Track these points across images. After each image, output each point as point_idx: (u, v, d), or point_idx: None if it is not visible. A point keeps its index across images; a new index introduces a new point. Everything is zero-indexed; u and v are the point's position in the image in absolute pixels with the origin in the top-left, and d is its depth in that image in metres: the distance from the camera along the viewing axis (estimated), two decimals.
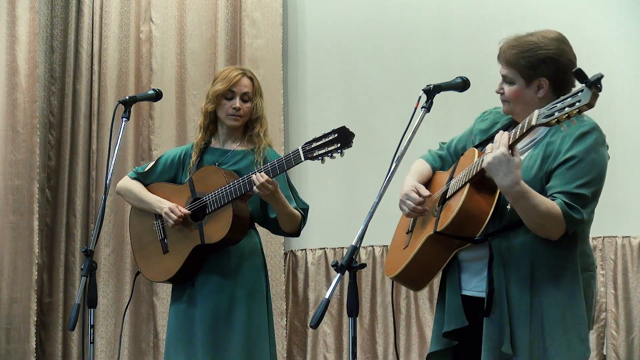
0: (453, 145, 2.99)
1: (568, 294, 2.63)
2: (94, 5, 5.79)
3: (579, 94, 2.33)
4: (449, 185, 2.78)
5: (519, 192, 2.51)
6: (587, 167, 2.59)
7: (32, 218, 5.52)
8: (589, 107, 2.31)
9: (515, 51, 2.68)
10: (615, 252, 4.94)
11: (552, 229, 2.57)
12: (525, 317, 2.61)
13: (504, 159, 2.50)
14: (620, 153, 4.98)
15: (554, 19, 5.05)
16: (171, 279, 3.61)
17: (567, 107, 2.35)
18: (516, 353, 2.60)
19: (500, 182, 2.52)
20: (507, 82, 2.72)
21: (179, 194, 3.64)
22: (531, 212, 2.54)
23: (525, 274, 2.63)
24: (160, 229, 3.64)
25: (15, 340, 5.51)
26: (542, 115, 2.44)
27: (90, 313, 3.08)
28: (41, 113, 5.69)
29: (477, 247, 2.67)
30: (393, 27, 5.50)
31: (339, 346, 5.39)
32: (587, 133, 2.61)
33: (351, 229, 2.84)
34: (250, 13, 5.62)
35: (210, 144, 3.73)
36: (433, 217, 2.77)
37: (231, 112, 3.61)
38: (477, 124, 2.94)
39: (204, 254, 3.56)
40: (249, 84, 3.66)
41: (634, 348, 4.85)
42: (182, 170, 3.73)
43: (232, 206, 3.46)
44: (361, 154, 5.43)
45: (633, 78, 4.99)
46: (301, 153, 3.33)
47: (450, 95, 2.95)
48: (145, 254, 3.70)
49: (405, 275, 2.80)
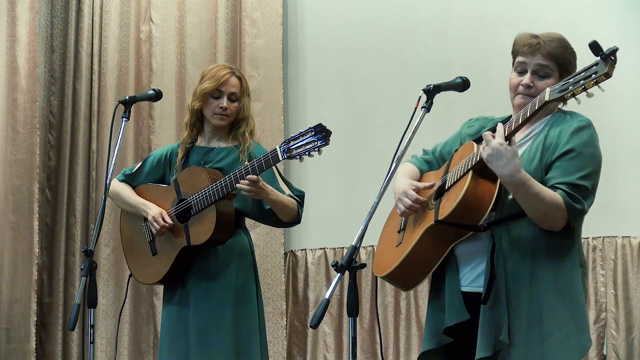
0: (438, 150, 3.02)
1: (568, 284, 2.64)
2: (94, 5, 5.80)
3: (593, 67, 2.37)
4: (446, 177, 2.78)
5: (520, 180, 2.52)
6: (587, 160, 2.63)
7: (32, 218, 5.52)
8: (606, 77, 2.36)
9: (558, 44, 2.72)
10: (615, 252, 4.94)
11: (555, 218, 2.58)
12: (523, 307, 2.62)
13: (502, 149, 2.52)
14: (621, 153, 4.98)
15: (554, 19, 5.05)
16: (161, 281, 3.61)
17: (582, 80, 2.39)
18: (513, 343, 2.60)
19: (500, 172, 2.54)
20: (541, 75, 2.73)
21: (165, 196, 3.64)
22: (533, 200, 2.55)
23: (525, 265, 2.63)
24: (149, 231, 3.64)
25: (15, 340, 5.51)
26: (555, 91, 2.47)
27: (90, 313, 3.08)
28: (41, 113, 5.69)
29: (474, 241, 2.68)
30: (393, 27, 5.49)
31: (339, 346, 5.39)
32: (583, 128, 2.66)
33: (351, 229, 2.83)
34: (250, 13, 5.62)
35: (197, 142, 3.72)
36: (429, 211, 2.76)
37: (218, 111, 3.60)
38: (464, 129, 2.97)
39: (191, 255, 3.56)
40: (237, 84, 3.63)
41: (634, 348, 4.85)
42: (169, 169, 3.73)
43: (215, 207, 3.45)
44: (361, 154, 5.45)
45: (633, 78, 4.99)
46: (279, 152, 3.31)
47: (450, 95, 2.95)
48: (135, 256, 3.70)
49: (398, 272, 2.78)
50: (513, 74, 2.79)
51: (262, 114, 5.51)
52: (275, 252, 5.46)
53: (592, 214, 4.97)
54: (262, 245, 5.41)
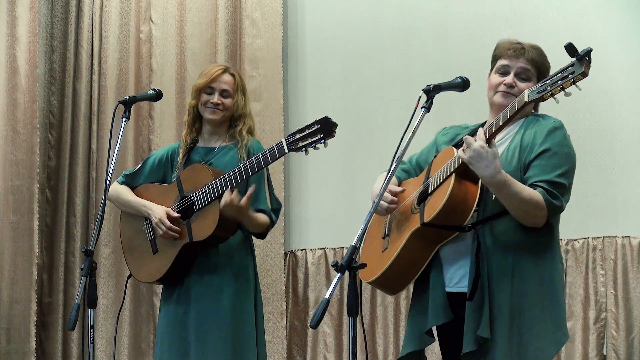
0: (414, 160, 3.14)
1: (549, 281, 2.75)
2: (94, 5, 5.80)
3: (570, 68, 2.47)
4: (428, 182, 2.86)
5: (501, 181, 2.63)
6: (563, 158, 2.75)
7: (32, 218, 5.52)
8: (583, 76, 2.46)
9: (538, 52, 2.90)
10: (615, 252, 4.94)
11: (536, 215, 2.68)
12: (505, 303, 2.71)
13: (482, 151, 2.62)
14: (620, 153, 4.99)
15: (553, 19, 5.06)
16: (162, 279, 3.60)
17: (560, 80, 2.49)
18: (495, 337, 2.69)
19: (482, 173, 2.64)
20: (523, 78, 2.87)
21: (166, 194, 3.64)
22: (514, 199, 2.65)
23: (508, 262, 2.73)
24: (150, 230, 3.65)
25: (15, 340, 5.51)
26: (533, 92, 2.57)
27: (90, 313, 3.08)
28: (41, 113, 5.69)
29: (458, 242, 2.77)
30: (393, 27, 5.50)
31: (339, 346, 5.39)
32: (557, 128, 2.78)
33: (351, 229, 2.84)
34: (250, 13, 5.62)
35: (198, 143, 3.73)
36: (413, 216, 2.84)
37: (209, 105, 3.64)
38: (439, 137, 3.10)
39: (193, 252, 3.56)
40: (230, 80, 3.66)
41: (634, 348, 4.85)
42: (171, 169, 3.73)
43: (218, 203, 3.45)
44: (361, 154, 5.45)
45: (633, 78, 4.99)
46: (285, 145, 3.32)
47: (450, 95, 2.95)
48: (136, 255, 3.70)
49: (386, 276, 2.86)
50: (494, 75, 2.92)
51: (262, 114, 5.51)
52: (275, 252, 5.46)
53: (592, 214, 5.01)
54: (262, 245, 5.41)
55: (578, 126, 4.88)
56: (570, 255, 4.98)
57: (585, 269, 4.97)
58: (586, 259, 4.97)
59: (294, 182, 5.61)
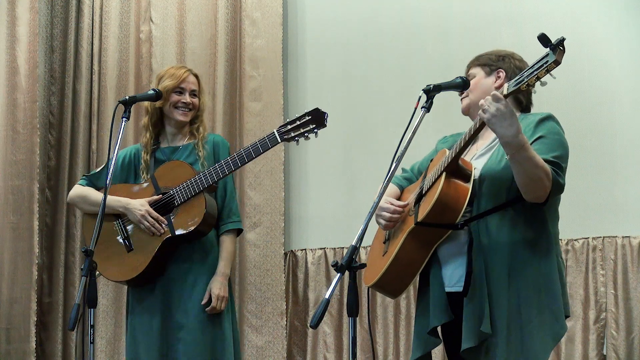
0: (416, 167, 3.18)
1: (543, 274, 2.75)
2: (94, 5, 5.80)
3: (544, 58, 2.47)
4: (423, 184, 2.90)
5: (522, 141, 2.59)
6: (557, 143, 2.75)
7: (32, 218, 5.52)
8: (556, 64, 2.45)
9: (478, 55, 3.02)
10: (615, 252, 4.94)
11: (544, 185, 2.65)
12: (503, 297, 2.72)
13: (505, 110, 2.58)
14: (620, 153, 4.98)
15: (553, 19, 5.05)
16: (137, 277, 3.60)
17: (535, 70, 2.49)
18: (495, 332, 2.70)
19: (505, 132, 2.59)
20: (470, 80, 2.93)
21: (140, 193, 3.67)
22: (530, 162, 2.62)
23: (504, 257, 2.73)
24: (122, 229, 3.66)
25: (15, 340, 5.51)
26: (511, 85, 2.58)
27: (90, 313, 3.08)
28: (41, 113, 5.69)
29: (456, 241, 2.78)
30: (393, 27, 5.49)
31: (339, 346, 5.39)
32: (545, 119, 2.80)
33: (351, 229, 2.86)
34: (250, 13, 5.62)
35: (160, 144, 3.78)
36: (409, 217, 2.87)
37: (181, 105, 3.70)
38: (439, 145, 3.13)
39: (171, 250, 3.58)
40: (196, 82, 3.77)
41: (634, 348, 4.85)
42: (134, 172, 3.77)
43: (203, 196, 3.52)
44: (361, 154, 5.44)
45: (633, 78, 4.98)
46: (277, 135, 3.40)
47: (450, 95, 2.96)
48: (105, 255, 3.66)
49: (385, 279, 2.88)
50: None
51: (262, 114, 5.50)
52: (275, 252, 5.45)
53: (592, 214, 5.00)
54: (262, 245, 5.41)
55: (578, 126, 4.90)
56: (570, 255, 4.98)
57: (585, 269, 4.96)
58: (586, 259, 4.97)
59: (294, 182, 5.60)
